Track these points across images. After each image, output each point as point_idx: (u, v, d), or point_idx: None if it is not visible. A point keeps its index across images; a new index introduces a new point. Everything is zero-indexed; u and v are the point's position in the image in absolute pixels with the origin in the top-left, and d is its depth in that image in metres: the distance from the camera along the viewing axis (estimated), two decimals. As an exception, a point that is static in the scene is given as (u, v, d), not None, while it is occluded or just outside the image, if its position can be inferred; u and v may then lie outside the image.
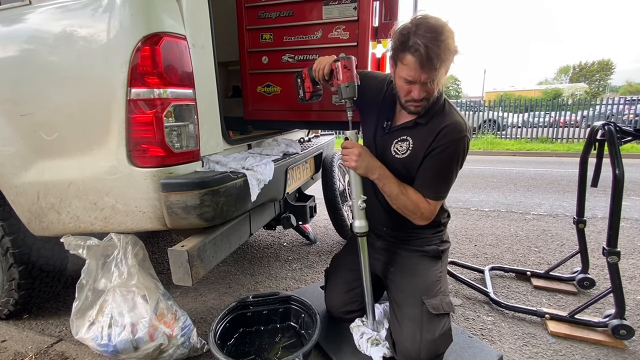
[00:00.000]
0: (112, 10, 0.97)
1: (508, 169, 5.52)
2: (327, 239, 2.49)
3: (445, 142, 1.11)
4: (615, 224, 1.32)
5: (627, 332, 1.30)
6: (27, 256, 1.38)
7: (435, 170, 1.14)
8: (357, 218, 1.16)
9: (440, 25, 0.97)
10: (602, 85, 43.16)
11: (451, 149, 1.11)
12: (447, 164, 1.13)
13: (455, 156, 1.13)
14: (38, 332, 1.48)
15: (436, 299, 1.14)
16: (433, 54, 0.96)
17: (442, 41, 0.96)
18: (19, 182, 1.20)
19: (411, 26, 0.99)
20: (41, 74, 1.10)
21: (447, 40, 0.97)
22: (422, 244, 1.30)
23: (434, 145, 1.12)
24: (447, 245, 1.34)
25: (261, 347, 1.29)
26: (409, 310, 1.14)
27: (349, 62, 1.08)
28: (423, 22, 0.98)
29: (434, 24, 0.97)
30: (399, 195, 1.14)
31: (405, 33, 0.99)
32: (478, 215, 3.04)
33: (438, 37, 0.96)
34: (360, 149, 1.13)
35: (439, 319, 1.10)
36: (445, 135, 1.11)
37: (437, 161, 1.13)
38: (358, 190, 1.16)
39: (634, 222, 2.76)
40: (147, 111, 0.99)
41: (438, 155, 1.12)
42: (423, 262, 1.27)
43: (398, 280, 1.25)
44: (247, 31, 1.59)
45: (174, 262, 0.98)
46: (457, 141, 1.10)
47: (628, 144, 1.39)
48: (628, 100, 8.89)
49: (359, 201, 1.14)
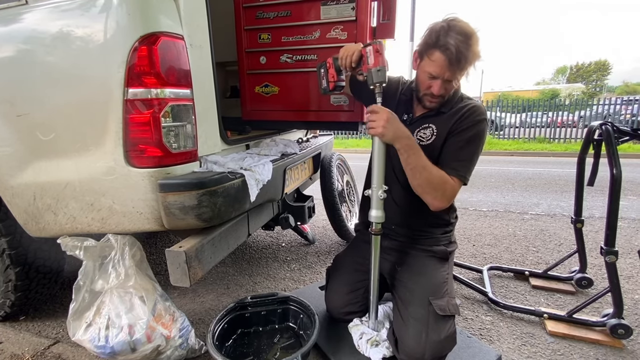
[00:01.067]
0: (109, 10, 0.97)
1: (506, 169, 5.54)
2: (325, 240, 2.48)
3: (467, 122, 1.15)
4: (613, 224, 1.32)
5: (625, 332, 1.31)
6: (23, 257, 1.37)
7: (458, 147, 1.16)
8: (375, 207, 1.12)
9: (470, 30, 1.05)
10: (599, 86, 43.38)
11: (474, 130, 1.15)
12: (470, 143, 1.16)
13: (477, 136, 1.16)
14: (35, 334, 1.47)
15: (443, 300, 1.14)
16: (461, 55, 1.03)
17: (470, 45, 1.04)
18: (15, 183, 1.19)
19: (445, 25, 1.05)
20: (38, 74, 1.09)
21: (474, 45, 1.05)
22: (431, 244, 1.30)
23: (456, 125, 1.16)
24: (454, 247, 1.34)
25: (260, 348, 1.29)
26: (415, 309, 1.14)
27: (380, 46, 1.06)
28: (456, 24, 1.05)
29: (466, 28, 1.04)
30: (425, 169, 1.09)
31: (438, 30, 1.05)
32: (476, 215, 3.04)
33: (468, 41, 1.03)
34: (389, 114, 1.07)
35: (445, 320, 1.10)
36: (468, 117, 1.16)
37: (460, 139, 1.16)
38: (380, 178, 1.10)
39: (631, 222, 2.77)
40: (144, 111, 0.98)
41: (461, 135, 1.15)
42: (431, 263, 1.27)
43: (405, 279, 1.25)
44: (245, 31, 1.58)
45: (172, 263, 0.98)
46: (478, 122, 1.15)
47: (625, 143, 1.40)
48: (625, 100, 8.93)
49: (380, 191, 1.10)
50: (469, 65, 1.07)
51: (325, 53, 1.49)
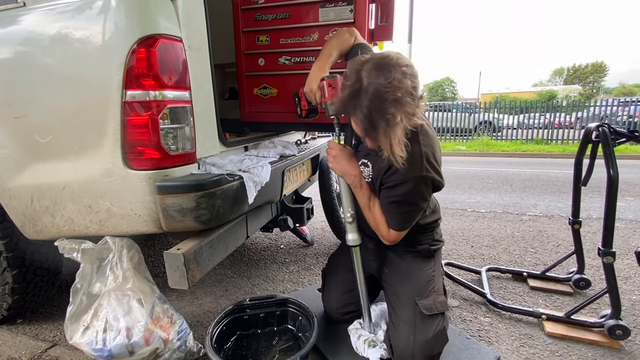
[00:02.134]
0: (108, 12, 0.97)
1: (504, 170, 5.55)
2: (324, 241, 2.48)
3: (394, 180, 1.06)
4: (611, 225, 1.33)
5: (623, 332, 1.31)
6: (20, 260, 1.36)
7: (389, 202, 1.10)
8: (349, 231, 1.18)
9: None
10: (596, 87, 43.62)
11: (403, 188, 1.05)
12: (402, 200, 1.07)
13: (409, 194, 1.05)
14: (32, 337, 1.46)
15: (429, 299, 1.14)
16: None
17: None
18: (12, 185, 1.18)
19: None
20: (36, 76, 1.09)
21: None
22: (413, 243, 1.27)
23: (384, 179, 1.09)
24: (439, 244, 1.32)
25: (258, 350, 1.29)
26: (403, 312, 1.14)
27: (333, 80, 1.12)
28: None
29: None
30: (365, 209, 1.15)
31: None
32: (474, 217, 3.05)
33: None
34: (338, 152, 1.15)
35: (432, 319, 1.10)
36: (393, 173, 1.05)
37: (389, 195, 1.08)
38: (346, 203, 1.17)
39: (628, 223, 2.78)
40: (142, 113, 0.98)
41: (390, 190, 1.08)
42: (416, 262, 1.26)
43: (392, 283, 1.25)
44: (244, 33, 1.59)
45: (170, 265, 0.97)
46: (408, 180, 1.03)
47: (622, 145, 1.40)
48: (622, 101, 8.99)
49: (347, 214, 1.16)
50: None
51: (323, 55, 1.49)
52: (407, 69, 0.93)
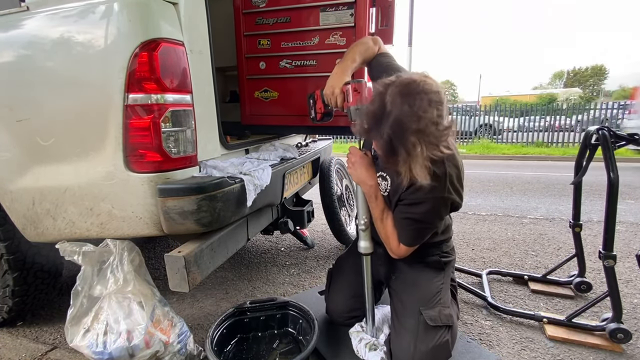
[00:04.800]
0: (110, 16, 0.98)
1: (504, 173, 5.55)
2: (325, 244, 2.48)
3: (414, 198, 1.03)
4: (611, 228, 1.33)
5: (625, 336, 1.30)
6: (21, 263, 1.36)
7: (404, 217, 1.08)
8: (362, 239, 1.17)
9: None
10: (596, 90, 43.69)
11: (422, 207, 1.03)
12: (418, 218, 1.06)
13: (427, 214, 1.04)
14: (32, 339, 1.46)
15: (434, 310, 1.12)
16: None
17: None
18: (14, 187, 1.19)
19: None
20: (38, 79, 1.09)
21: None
22: (423, 254, 1.23)
23: (404, 195, 1.06)
24: (450, 257, 1.28)
25: (259, 353, 1.28)
26: (406, 320, 1.13)
27: (359, 85, 1.10)
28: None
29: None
30: (377, 220, 1.14)
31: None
32: (475, 220, 3.05)
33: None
34: (358, 159, 1.13)
35: (435, 330, 1.08)
36: (414, 191, 1.02)
37: (406, 212, 1.07)
38: (361, 209, 1.16)
39: (629, 226, 2.78)
40: (144, 117, 0.99)
41: (408, 207, 1.06)
42: (425, 273, 1.23)
43: (399, 291, 1.24)
44: (245, 37, 1.60)
45: (171, 268, 0.98)
46: (427, 200, 1.02)
47: (622, 148, 1.41)
48: (622, 104, 8.99)
49: (361, 222, 1.16)
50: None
51: (324, 59, 1.51)
52: (434, 95, 0.88)
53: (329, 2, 1.44)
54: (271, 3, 1.51)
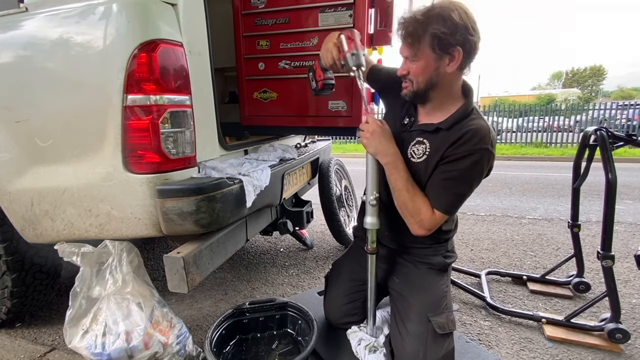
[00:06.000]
0: (109, 17, 0.98)
1: (503, 173, 5.56)
2: (324, 245, 2.48)
3: (460, 152, 1.00)
4: (609, 228, 1.33)
5: (623, 336, 1.31)
6: (20, 264, 1.36)
7: (446, 177, 1.03)
8: (369, 214, 1.11)
9: (440, 3, 0.96)
10: (595, 91, 43.83)
11: (467, 161, 1.00)
12: (460, 176, 1.02)
13: (471, 169, 1.01)
14: (31, 341, 1.46)
15: (442, 316, 1.10)
16: (412, 27, 0.96)
17: (426, 15, 0.95)
18: (13, 188, 1.18)
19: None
20: (37, 80, 1.09)
21: (436, 14, 0.94)
22: (427, 254, 1.21)
23: (450, 151, 1.02)
24: (453, 258, 1.26)
25: (258, 354, 1.28)
26: (414, 326, 1.10)
27: (351, 32, 1.11)
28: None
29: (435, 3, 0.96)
30: (403, 191, 1.05)
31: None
32: (474, 220, 3.05)
33: (426, 11, 0.95)
34: (376, 127, 1.05)
35: (443, 338, 1.07)
36: (464, 143, 1.00)
37: (450, 170, 1.02)
38: (371, 184, 1.10)
39: (628, 226, 2.78)
40: (143, 117, 0.99)
41: (452, 165, 1.02)
42: (430, 275, 1.20)
43: (405, 293, 1.20)
44: (244, 38, 1.60)
45: (170, 269, 0.97)
46: (476, 152, 0.99)
47: (621, 148, 1.41)
48: (620, 105, 9.02)
49: (371, 197, 1.09)
50: (424, 32, 0.94)
51: (323, 59, 1.50)
52: (473, 25, 0.97)
53: (328, 3, 1.44)
54: (270, 4, 1.51)
